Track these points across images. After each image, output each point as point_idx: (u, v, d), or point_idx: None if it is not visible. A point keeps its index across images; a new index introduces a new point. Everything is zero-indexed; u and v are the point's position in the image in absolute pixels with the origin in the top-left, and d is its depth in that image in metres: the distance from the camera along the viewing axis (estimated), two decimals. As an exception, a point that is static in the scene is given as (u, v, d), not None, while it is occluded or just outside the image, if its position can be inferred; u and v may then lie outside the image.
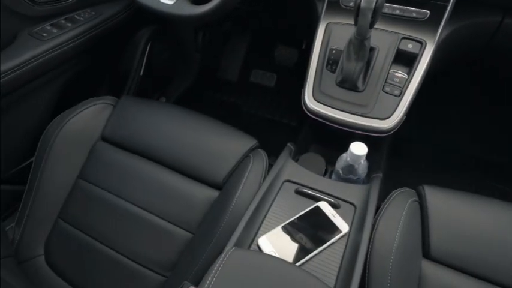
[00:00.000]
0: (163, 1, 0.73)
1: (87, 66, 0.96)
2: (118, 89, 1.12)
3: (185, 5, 0.71)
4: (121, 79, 1.12)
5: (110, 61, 1.09)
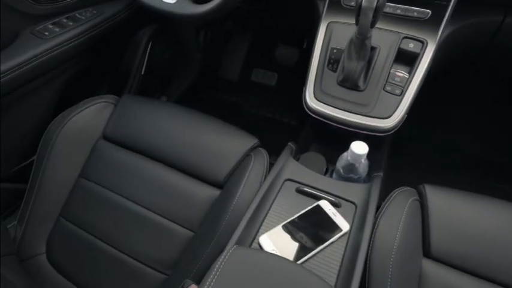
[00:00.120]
0: (165, 0, 0.73)
1: (88, 65, 0.96)
2: (119, 88, 1.12)
3: (187, 4, 0.71)
4: (122, 78, 1.12)
5: (111, 60, 1.10)
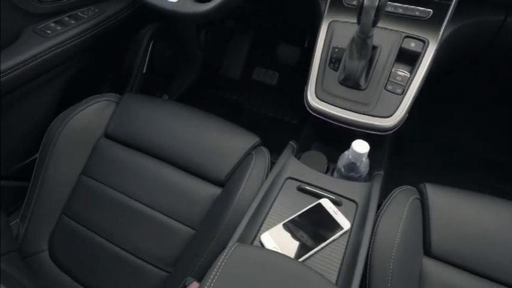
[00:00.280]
0: (167, -1, 0.73)
1: (90, 63, 0.96)
2: (121, 86, 1.12)
3: (189, 3, 0.72)
4: (124, 76, 1.13)
5: (113, 58, 1.10)
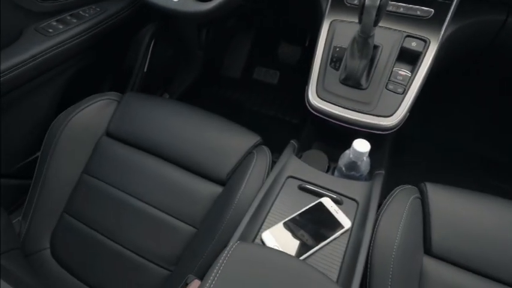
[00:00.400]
0: (169, -2, 0.73)
1: (91, 62, 0.96)
2: (122, 85, 1.13)
3: (190, 2, 0.72)
4: (125, 75, 1.13)
5: (114, 57, 1.10)
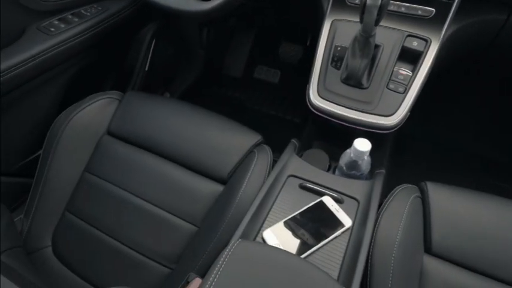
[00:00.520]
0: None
1: (93, 61, 0.97)
2: (123, 84, 1.13)
3: (192, 1, 0.72)
4: (126, 74, 1.13)
5: (116, 56, 1.10)
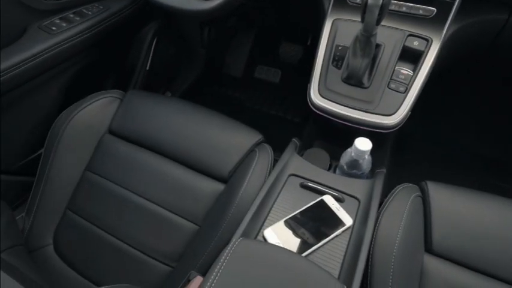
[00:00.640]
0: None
1: (94, 60, 0.97)
2: (124, 83, 1.13)
3: (193, 1, 0.72)
4: (127, 73, 1.13)
5: (117, 55, 1.10)
